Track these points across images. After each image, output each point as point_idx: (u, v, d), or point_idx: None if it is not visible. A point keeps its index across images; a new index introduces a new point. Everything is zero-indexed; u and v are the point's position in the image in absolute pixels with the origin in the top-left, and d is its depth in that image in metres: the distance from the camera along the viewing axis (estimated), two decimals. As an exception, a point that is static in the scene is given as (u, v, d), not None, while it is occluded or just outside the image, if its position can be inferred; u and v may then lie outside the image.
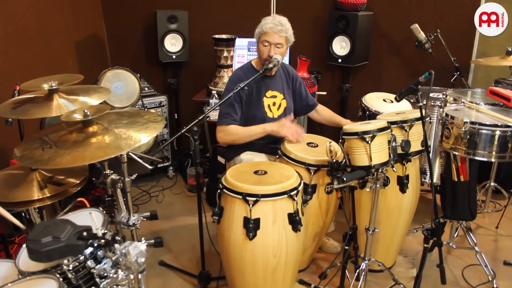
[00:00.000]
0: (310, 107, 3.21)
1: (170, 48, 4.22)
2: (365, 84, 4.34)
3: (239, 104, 2.83)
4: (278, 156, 2.71)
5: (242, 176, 2.36)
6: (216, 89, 3.99)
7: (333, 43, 4.07)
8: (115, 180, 2.17)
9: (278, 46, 2.80)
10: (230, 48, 3.99)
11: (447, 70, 3.90)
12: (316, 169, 2.55)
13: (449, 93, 3.32)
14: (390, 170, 2.41)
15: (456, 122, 2.59)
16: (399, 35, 4.22)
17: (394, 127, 2.44)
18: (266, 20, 2.83)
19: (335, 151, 2.34)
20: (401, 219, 2.71)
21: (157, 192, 4.06)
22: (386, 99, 3.27)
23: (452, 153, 2.68)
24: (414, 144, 2.51)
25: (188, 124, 2.34)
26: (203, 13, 4.42)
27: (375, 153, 2.27)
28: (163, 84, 4.61)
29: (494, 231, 3.41)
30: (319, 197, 2.61)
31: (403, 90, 2.37)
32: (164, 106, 4.17)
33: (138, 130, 2.05)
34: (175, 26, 4.17)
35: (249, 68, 2.93)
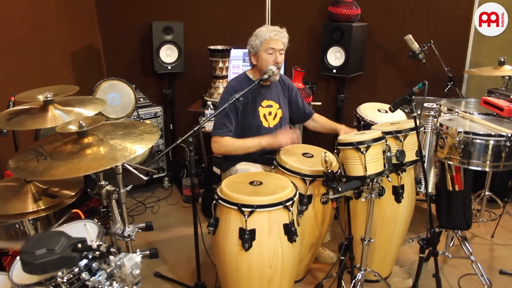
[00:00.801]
0: (306, 116, 3.22)
1: (165, 59, 4.23)
2: (360, 94, 4.36)
3: (235, 114, 2.83)
4: (274, 167, 2.71)
5: (237, 186, 2.35)
6: (212, 99, 3.99)
7: (328, 53, 4.09)
8: (110, 191, 2.16)
9: (281, 53, 2.85)
10: (225, 59, 4.01)
11: (441, 80, 3.92)
12: (311, 179, 2.55)
13: (443, 103, 3.33)
14: (385, 180, 2.41)
15: (450, 132, 2.61)
16: (393, 46, 4.25)
17: (388, 137, 2.45)
18: (263, 30, 2.86)
19: (330, 162, 2.34)
20: (397, 229, 2.71)
21: (152, 203, 4.04)
22: (380, 109, 3.28)
23: (446, 163, 2.69)
24: (409, 154, 2.52)
25: (183, 134, 2.34)
26: (199, 25, 4.44)
27: (370, 163, 2.27)
28: (159, 95, 4.61)
29: (489, 240, 3.41)
30: (315, 207, 2.61)
31: (397, 100, 2.38)
32: (160, 117, 4.17)
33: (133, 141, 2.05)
34: (170, 37, 4.19)
35: (244, 79, 2.94)
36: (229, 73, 4.16)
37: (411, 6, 4.12)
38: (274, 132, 2.86)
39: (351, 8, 3.95)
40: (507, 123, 2.75)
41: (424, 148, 3.37)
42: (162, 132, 4.20)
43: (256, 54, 2.88)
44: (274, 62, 2.82)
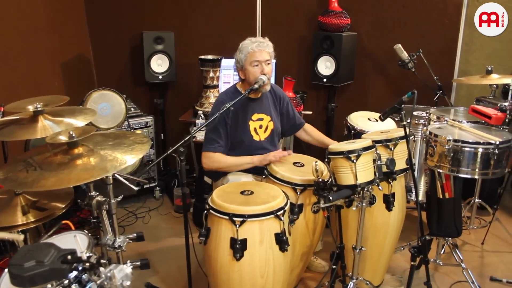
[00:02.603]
0: (297, 126, 3.22)
1: (156, 68, 4.23)
2: (350, 103, 4.38)
3: (224, 129, 2.82)
4: (265, 176, 2.71)
5: (228, 196, 2.35)
6: (203, 109, 3.99)
7: (318, 63, 4.11)
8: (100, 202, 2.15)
9: (268, 63, 2.83)
10: (216, 68, 4.02)
11: (430, 88, 3.96)
12: (302, 188, 2.55)
13: (432, 112, 3.36)
14: (376, 189, 2.42)
15: (439, 140, 2.63)
16: (382, 55, 4.29)
17: (379, 146, 2.47)
18: (246, 43, 2.84)
19: (321, 171, 2.35)
20: (388, 237, 2.72)
21: (143, 213, 4.02)
22: (371, 118, 3.30)
23: (436, 171, 2.71)
24: (399, 163, 2.53)
25: (174, 144, 2.33)
26: (189, 34, 4.45)
27: (361, 172, 2.28)
28: (150, 105, 4.61)
29: (480, 247, 3.43)
30: (306, 216, 2.61)
31: (387, 109, 2.40)
32: (151, 127, 4.16)
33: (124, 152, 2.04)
34: (161, 47, 4.20)
35: (234, 92, 2.93)
36: (220, 83, 4.17)
37: (400, 16, 4.16)
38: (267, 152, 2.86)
39: (341, 18, 3.99)
40: (495, 131, 2.78)
41: (414, 157, 3.39)
42: (153, 141, 4.20)
43: (243, 68, 2.86)
44: (261, 74, 2.80)
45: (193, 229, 3.58)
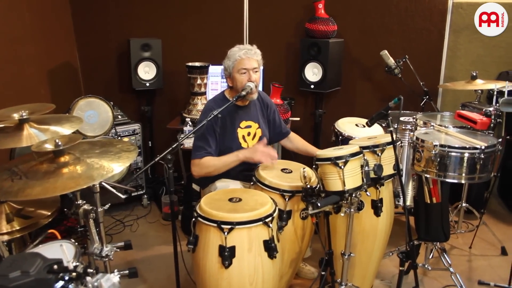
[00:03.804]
0: (282, 135, 3.22)
1: (143, 76, 4.22)
2: (338, 109, 4.40)
3: (213, 136, 2.81)
4: (253, 183, 2.71)
5: (216, 203, 2.34)
6: (190, 116, 3.99)
7: (306, 69, 4.13)
8: (87, 210, 2.13)
9: (255, 71, 2.83)
10: (203, 75, 4.02)
11: (416, 94, 4.00)
12: (290, 195, 2.55)
13: (419, 117, 3.39)
14: (364, 195, 2.43)
15: (426, 145, 2.65)
16: (369, 61, 4.32)
17: (366, 151, 2.48)
18: (234, 50, 2.84)
19: (309, 177, 2.35)
20: (377, 242, 2.73)
21: (131, 221, 4.00)
22: (358, 123, 3.32)
23: (424, 176, 2.73)
24: (387, 168, 2.55)
25: (162, 152, 2.33)
26: (177, 41, 4.45)
27: (349, 178, 2.29)
28: (137, 112, 4.59)
29: (467, 251, 3.46)
30: (295, 223, 2.61)
31: (374, 115, 2.42)
32: (138, 134, 4.14)
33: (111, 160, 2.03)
34: (148, 54, 4.18)
35: (222, 99, 2.92)
36: (208, 90, 4.17)
37: (386, 22, 4.20)
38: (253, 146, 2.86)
39: (327, 25, 4.01)
40: (480, 136, 2.81)
41: (401, 162, 3.41)
42: (141, 149, 4.18)
43: (231, 75, 2.86)
44: (248, 81, 2.80)
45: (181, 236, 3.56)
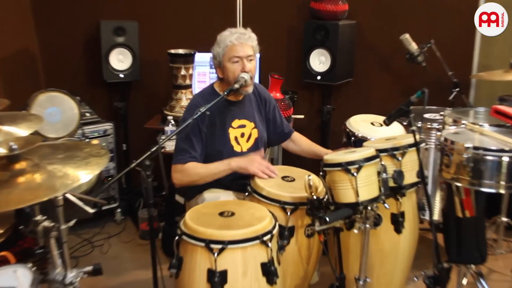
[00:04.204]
0: (285, 135, 3.23)
1: (116, 65, 4.22)
2: (350, 105, 4.41)
3: (198, 138, 2.81)
4: (248, 194, 2.70)
5: (204, 218, 2.34)
6: (173, 114, 3.98)
7: (311, 57, 4.13)
8: (48, 228, 2.12)
9: (250, 59, 2.82)
10: (188, 65, 4.02)
11: (444, 86, 4.00)
12: (293, 208, 2.54)
13: (447, 114, 3.39)
14: (381, 207, 2.42)
15: (456, 147, 2.65)
16: (387, 47, 4.33)
17: (384, 155, 2.48)
18: (225, 35, 2.83)
19: (316, 186, 2.35)
20: (398, 265, 2.72)
21: (101, 241, 3.99)
22: (374, 122, 3.32)
23: (454, 185, 2.72)
24: (409, 175, 2.54)
25: (139, 156, 2.32)
26: (157, 24, 4.45)
27: (363, 187, 2.29)
28: (109, 109, 4.59)
29: (509, 276, 3.44)
30: (298, 241, 2.60)
31: (393, 112, 2.41)
32: (110, 135, 4.14)
33: (77, 167, 2.03)
34: (122, 39, 4.18)
35: (210, 94, 2.92)
36: (194, 82, 4.17)
37: (408, 1, 4.21)
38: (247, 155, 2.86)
39: (337, 4, 4.02)
40: (522, 136, 2.81)
41: (427, 168, 3.41)
42: (113, 153, 4.18)
43: (221, 65, 2.85)
44: (242, 72, 2.78)
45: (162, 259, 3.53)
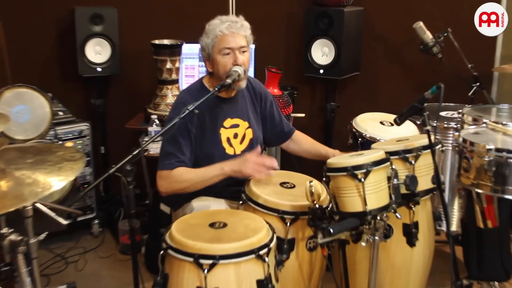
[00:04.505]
0: (285, 135, 3.23)
1: (93, 58, 4.22)
2: (356, 102, 4.42)
3: (187, 139, 2.81)
4: (242, 202, 2.70)
5: (193, 230, 2.34)
6: (157, 112, 3.99)
7: (312, 49, 4.14)
8: (15, 242, 2.12)
9: (243, 50, 2.82)
10: (175, 57, 4.02)
11: (463, 80, 4.01)
12: (293, 218, 2.54)
13: (466, 112, 3.39)
14: (392, 217, 2.43)
15: (477, 149, 2.65)
16: (398, 37, 4.34)
17: (395, 159, 2.48)
18: (214, 23, 2.82)
19: (318, 194, 2.35)
20: (411, 282, 2.73)
21: (76, 256, 3.99)
22: (384, 121, 3.33)
23: (474, 191, 2.73)
24: (423, 181, 2.55)
25: (119, 160, 2.32)
26: (139, 11, 4.45)
27: (371, 195, 2.29)
28: (85, 107, 4.58)
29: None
30: (299, 255, 2.61)
31: (405, 110, 2.42)
32: (86, 137, 4.13)
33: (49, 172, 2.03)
34: (100, 28, 4.19)
35: (199, 90, 2.91)
36: (181, 77, 4.17)
37: (421, -16, 4.23)
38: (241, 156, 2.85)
39: (342, -12, 4.04)
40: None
41: (443, 172, 3.42)
42: (90, 157, 4.17)
43: (210, 57, 2.85)
44: (234, 65, 2.78)
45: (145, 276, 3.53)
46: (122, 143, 4.58)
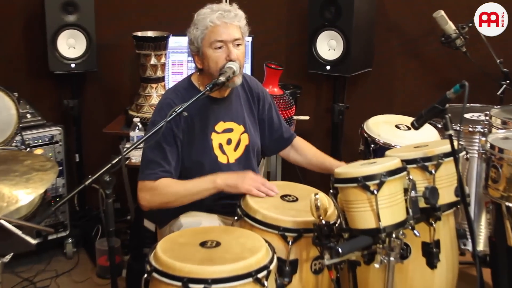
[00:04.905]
0: (284, 141, 3.23)
1: (66, 52, 4.22)
2: (368, 102, 4.43)
3: (173, 146, 2.80)
4: (238, 218, 2.70)
5: (182, 250, 2.34)
6: (140, 114, 3.99)
7: (318, 41, 4.15)
8: (-23, 264, 2.13)
9: (237, 43, 2.82)
10: (160, 51, 4.02)
11: (491, 78, 4.01)
12: (296, 236, 2.54)
13: (494, 113, 3.40)
14: (410, 234, 2.43)
15: (507, 157, 2.67)
16: (416, 28, 4.35)
17: (412, 167, 2.49)
18: (204, 13, 2.81)
19: (325, 208, 2.35)
20: (432, 309, 2.74)
21: (47, 281, 3.98)
22: (400, 124, 3.33)
23: (504, 205, 2.73)
24: (445, 193, 2.55)
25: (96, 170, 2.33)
26: None
27: (385, 209, 2.29)
28: (57, 109, 4.59)
29: None
30: (303, 279, 2.61)
31: (424, 111, 2.42)
32: (58, 143, 4.13)
33: (15, 184, 2.03)
34: (74, 18, 4.19)
35: (187, 89, 2.91)
36: (167, 74, 4.17)
37: (443, -32, 4.24)
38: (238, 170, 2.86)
39: (351, -29, 4.05)
40: None
41: (469, 184, 3.43)
42: (63, 167, 4.17)
43: (200, 52, 2.84)
44: (228, 60, 2.78)
45: (127, 303, 3.56)
46: (99, 150, 4.59)
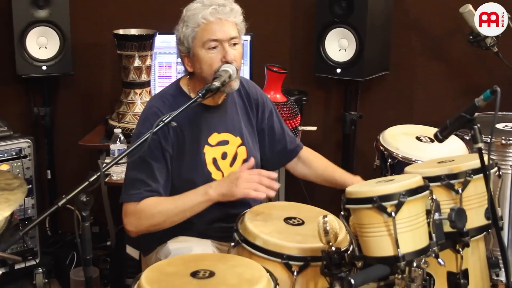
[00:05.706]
0: (289, 154, 3.22)
1: (37, 52, 4.24)
2: (384, 110, 4.44)
3: (161, 162, 2.79)
4: (235, 244, 2.70)
5: (170, 281, 2.34)
6: (122, 125, 3.99)
7: (327, 41, 4.16)
8: None
9: (234, 42, 2.81)
10: (145, 52, 4.03)
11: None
12: (302, 264, 2.54)
13: (530, 124, 3.42)
14: (433, 263, 2.43)
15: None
16: (439, 25, 4.37)
17: (436, 186, 2.49)
18: (195, 7, 2.79)
19: (335, 232, 2.35)
20: None
21: (14, 316, 3.99)
22: (421, 136, 3.34)
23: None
24: (473, 216, 2.55)
25: (71, 189, 2.32)
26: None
27: (405, 234, 2.29)
28: (26, 118, 4.60)
29: None
30: (311, 315, 2.61)
31: (449, 121, 2.43)
32: (27, 158, 4.13)
33: (-22, 205, 2.04)
34: (45, 13, 4.20)
35: (175, 96, 2.91)
36: (153, 78, 4.18)
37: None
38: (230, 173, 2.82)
39: (365, -39, 4.07)
40: None
41: (502, 205, 3.43)
42: (32, 185, 4.16)
43: (190, 53, 2.83)
44: (223, 63, 2.78)
45: None
46: (75, 166, 4.60)
